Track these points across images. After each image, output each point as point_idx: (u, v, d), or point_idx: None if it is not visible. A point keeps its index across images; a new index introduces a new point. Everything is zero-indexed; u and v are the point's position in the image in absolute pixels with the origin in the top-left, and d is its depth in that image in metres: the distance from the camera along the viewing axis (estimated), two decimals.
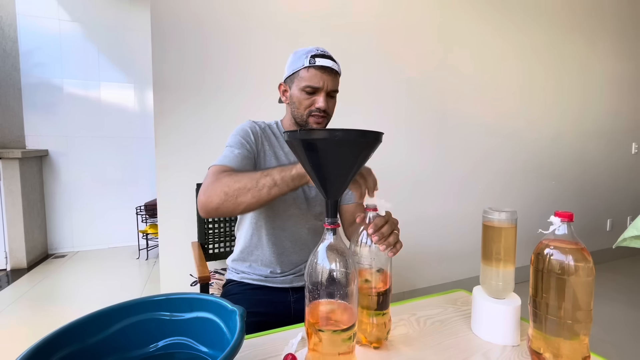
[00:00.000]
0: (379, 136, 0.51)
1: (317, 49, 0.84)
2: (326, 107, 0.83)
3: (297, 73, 0.84)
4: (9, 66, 2.67)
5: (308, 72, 0.82)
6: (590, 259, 0.49)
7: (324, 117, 0.85)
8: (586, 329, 0.49)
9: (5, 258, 2.43)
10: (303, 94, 0.83)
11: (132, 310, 0.52)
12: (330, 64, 0.82)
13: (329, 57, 0.83)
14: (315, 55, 0.81)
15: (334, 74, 0.84)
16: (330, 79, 0.83)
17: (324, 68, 0.81)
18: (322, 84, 0.82)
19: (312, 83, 0.81)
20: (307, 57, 0.81)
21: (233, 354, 0.41)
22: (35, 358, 0.41)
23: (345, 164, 0.51)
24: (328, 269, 0.48)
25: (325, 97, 0.83)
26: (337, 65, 0.84)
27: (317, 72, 0.81)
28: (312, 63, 0.81)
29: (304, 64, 0.82)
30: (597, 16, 2.52)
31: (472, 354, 0.58)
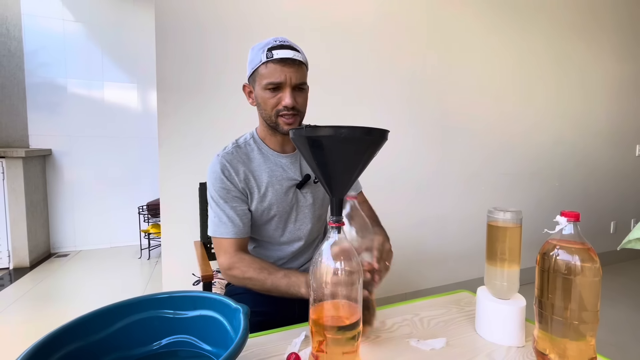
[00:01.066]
0: (385, 134, 0.51)
1: (275, 39, 0.75)
2: (294, 104, 0.75)
3: (257, 70, 0.75)
4: (14, 66, 2.69)
5: (267, 68, 0.73)
6: (597, 260, 0.49)
7: (294, 115, 0.76)
8: (592, 330, 0.49)
9: (8, 257, 2.44)
10: (267, 92, 0.75)
11: (136, 308, 0.51)
12: (290, 54, 0.73)
13: (289, 46, 0.74)
14: (273, 48, 0.72)
15: (297, 64, 0.74)
16: (292, 71, 0.73)
17: (283, 60, 0.72)
18: (285, 78, 0.73)
19: (273, 79, 0.73)
20: (264, 51, 0.73)
21: (237, 352, 0.41)
22: (39, 355, 0.41)
23: (350, 161, 0.51)
24: (332, 267, 0.48)
25: (292, 93, 0.74)
26: (300, 55, 0.75)
27: (276, 66, 0.72)
28: (270, 57, 0.72)
29: (261, 60, 0.73)
30: (600, 18, 2.51)
31: (476, 355, 0.57)
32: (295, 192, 0.85)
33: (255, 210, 0.83)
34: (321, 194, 0.89)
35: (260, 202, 0.82)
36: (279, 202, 0.83)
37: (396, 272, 1.95)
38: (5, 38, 2.65)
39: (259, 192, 0.82)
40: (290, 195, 0.84)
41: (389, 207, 1.90)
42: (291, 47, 0.74)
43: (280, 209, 0.84)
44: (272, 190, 0.82)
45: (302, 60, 0.76)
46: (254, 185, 0.81)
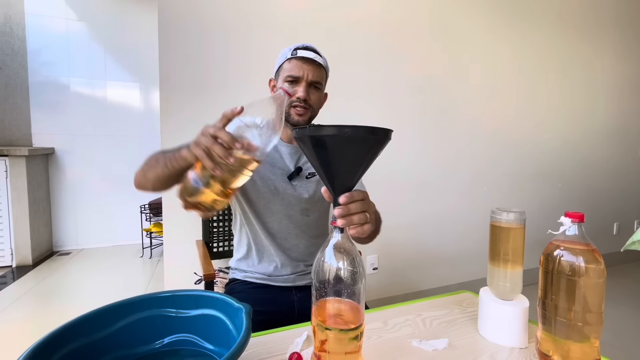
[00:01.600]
0: (388, 133, 0.50)
1: (303, 44, 0.85)
2: (306, 97, 0.82)
3: (281, 66, 0.85)
4: (17, 65, 2.70)
5: (290, 63, 0.83)
6: (602, 261, 0.48)
7: (305, 109, 0.83)
8: (597, 332, 0.48)
9: (11, 255, 2.45)
10: (285, 85, 0.83)
11: (138, 306, 0.51)
12: (311, 55, 0.82)
13: (312, 49, 0.84)
14: (298, 48, 0.83)
15: (316, 65, 0.83)
16: (311, 69, 0.82)
17: (304, 59, 0.82)
18: (302, 74, 0.82)
19: (293, 73, 0.82)
20: (290, 50, 0.84)
21: (240, 351, 0.41)
22: (43, 352, 0.41)
23: (353, 161, 0.50)
24: (335, 267, 0.48)
25: (306, 88, 0.82)
26: (320, 58, 0.84)
27: (297, 62, 0.82)
28: (294, 55, 0.82)
29: (287, 57, 0.83)
30: (604, 19, 2.50)
31: (479, 356, 0.57)
32: (285, 181, 0.88)
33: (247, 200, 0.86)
34: (310, 190, 0.90)
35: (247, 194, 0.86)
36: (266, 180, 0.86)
37: (397, 273, 1.95)
38: (8, 37, 2.67)
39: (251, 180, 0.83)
40: (281, 182, 0.87)
41: (392, 206, 1.89)
42: (314, 51, 0.84)
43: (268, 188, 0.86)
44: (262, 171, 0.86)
45: (322, 63, 0.85)
46: None
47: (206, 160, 0.51)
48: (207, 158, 0.50)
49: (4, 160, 2.38)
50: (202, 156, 0.51)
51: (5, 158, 2.38)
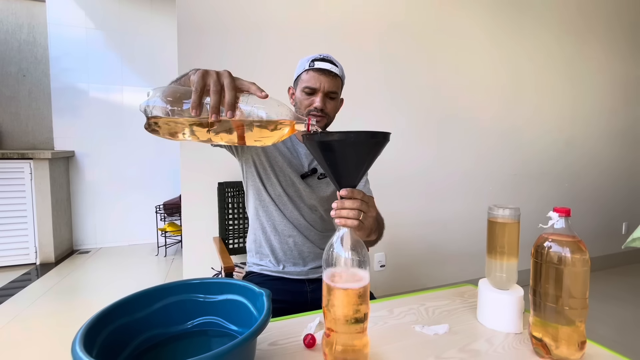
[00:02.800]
0: (387, 136, 0.57)
1: (320, 54, 0.90)
2: (323, 107, 0.87)
3: (299, 77, 0.91)
4: (40, 72, 2.84)
5: (307, 75, 0.88)
6: (586, 251, 0.53)
7: (322, 117, 0.89)
8: (582, 316, 0.53)
9: (35, 253, 2.58)
10: (303, 94, 0.89)
11: (172, 291, 0.59)
12: (328, 66, 0.87)
13: (329, 60, 0.88)
14: (315, 60, 0.88)
15: (332, 75, 0.88)
16: (327, 80, 0.87)
17: (321, 70, 0.87)
18: (319, 85, 0.87)
19: (310, 84, 0.87)
20: (308, 62, 0.88)
21: (261, 327, 0.47)
22: (96, 326, 0.48)
23: (357, 161, 0.57)
24: (342, 256, 0.54)
25: (323, 98, 0.87)
26: (337, 69, 0.89)
27: (314, 74, 0.87)
28: (312, 66, 0.87)
29: (304, 68, 0.88)
30: (611, 20, 2.50)
31: (476, 339, 0.63)
32: (299, 180, 0.95)
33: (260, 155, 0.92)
34: (320, 191, 0.97)
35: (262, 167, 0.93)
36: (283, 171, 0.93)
37: (404, 270, 2.00)
38: (32, 46, 2.81)
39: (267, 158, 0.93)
40: (294, 180, 0.94)
41: (399, 206, 1.94)
42: (331, 62, 0.88)
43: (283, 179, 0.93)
44: (279, 166, 0.93)
45: (338, 74, 0.89)
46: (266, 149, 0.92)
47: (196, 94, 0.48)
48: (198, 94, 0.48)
49: (28, 163, 2.50)
50: (196, 89, 0.48)
51: (30, 161, 2.50)
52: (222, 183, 1.43)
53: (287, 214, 0.95)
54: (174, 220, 2.97)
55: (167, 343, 0.56)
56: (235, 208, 1.42)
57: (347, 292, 0.53)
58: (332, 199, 0.98)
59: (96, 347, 0.45)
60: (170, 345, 0.56)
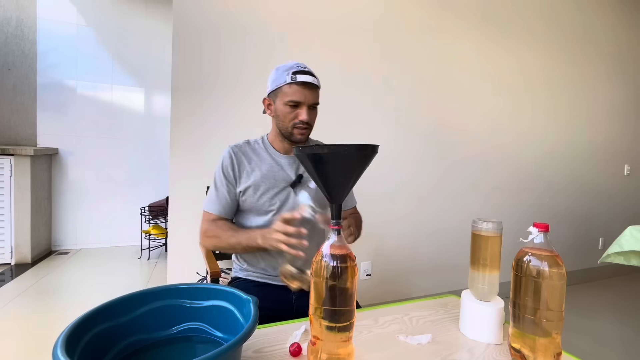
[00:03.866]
0: (375, 148, 0.60)
1: (297, 64, 0.91)
2: (309, 120, 0.91)
3: (280, 88, 0.91)
4: (26, 67, 2.77)
5: (290, 88, 0.89)
6: (563, 265, 0.56)
7: (306, 129, 0.93)
8: (558, 328, 0.56)
9: (11, 252, 2.48)
10: (287, 107, 0.90)
11: (158, 295, 0.58)
12: (310, 79, 0.89)
13: (309, 72, 0.90)
14: (297, 72, 0.88)
15: (314, 88, 0.91)
16: (310, 93, 0.90)
17: (305, 84, 0.88)
18: (304, 99, 0.89)
19: (295, 98, 0.89)
20: (289, 74, 0.88)
21: (247, 335, 0.48)
22: (78, 330, 0.47)
23: (346, 172, 0.59)
24: (331, 265, 0.55)
25: (308, 110, 0.90)
26: (316, 80, 0.91)
27: (298, 88, 0.88)
28: (294, 79, 0.88)
29: (286, 80, 0.88)
30: (593, 39, 2.63)
31: (458, 350, 0.64)
32: (288, 190, 0.96)
33: (246, 197, 0.95)
34: None
35: (253, 191, 0.94)
36: (272, 195, 0.95)
37: (389, 279, 2.01)
38: (19, 40, 2.75)
39: (253, 182, 0.94)
40: (284, 192, 0.96)
41: (387, 216, 1.97)
42: (311, 74, 0.90)
43: (273, 202, 0.95)
44: (267, 184, 0.95)
45: (318, 85, 0.92)
46: (249, 172, 0.95)
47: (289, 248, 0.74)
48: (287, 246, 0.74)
49: (9, 159, 2.43)
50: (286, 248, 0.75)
51: (10, 157, 2.43)
52: None
53: None
54: (159, 222, 2.92)
55: (151, 348, 0.55)
56: None
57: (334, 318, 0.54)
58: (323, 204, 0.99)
59: (78, 352, 0.44)
60: (154, 351, 0.55)
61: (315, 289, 0.56)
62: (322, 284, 0.54)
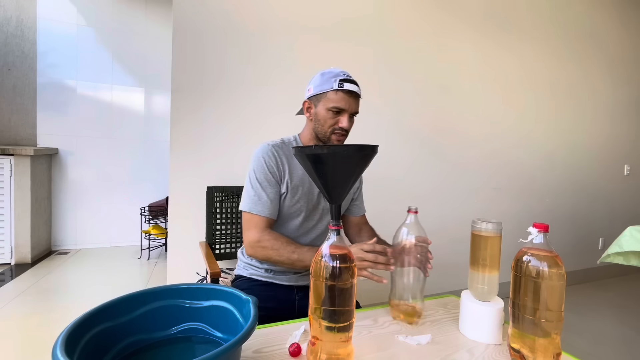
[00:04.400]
0: (375, 149, 0.59)
1: (343, 72, 0.91)
2: (349, 127, 0.92)
3: (325, 94, 0.91)
4: (26, 67, 2.77)
5: (336, 95, 0.89)
6: (562, 265, 0.56)
7: (344, 135, 0.93)
8: (557, 328, 0.56)
9: (11, 252, 2.48)
10: (330, 113, 0.90)
11: (158, 295, 0.58)
12: (355, 89, 0.90)
13: (355, 82, 0.91)
14: (344, 80, 0.89)
15: (358, 97, 0.92)
16: (354, 102, 0.91)
17: (350, 92, 0.89)
18: (348, 107, 0.90)
19: (340, 105, 0.89)
20: (336, 81, 0.89)
21: (247, 335, 0.48)
22: (77, 331, 0.47)
23: (346, 172, 0.59)
24: (331, 265, 0.55)
25: (348, 118, 0.91)
26: (359, 89, 0.93)
27: (344, 96, 0.89)
28: (341, 87, 0.88)
29: (332, 87, 0.89)
30: (593, 41, 2.63)
31: (458, 350, 0.64)
32: (319, 196, 0.97)
33: (284, 200, 0.94)
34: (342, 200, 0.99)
35: (291, 194, 0.94)
36: (306, 199, 0.95)
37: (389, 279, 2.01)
38: (19, 40, 2.75)
39: (292, 185, 0.94)
40: (316, 195, 0.97)
41: (387, 216, 1.96)
42: (356, 83, 0.92)
43: (306, 206, 0.95)
44: (302, 187, 0.95)
45: (360, 95, 0.94)
46: (288, 178, 0.94)
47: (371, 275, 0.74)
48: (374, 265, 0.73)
49: (9, 159, 2.43)
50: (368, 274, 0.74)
51: (10, 157, 2.43)
52: (211, 187, 1.43)
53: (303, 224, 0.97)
54: (158, 223, 2.92)
55: (151, 349, 0.55)
56: (223, 213, 1.41)
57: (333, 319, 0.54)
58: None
59: (77, 352, 0.44)
60: (154, 351, 0.55)
61: (315, 289, 0.56)
62: (321, 284, 0.54)
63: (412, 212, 0.76)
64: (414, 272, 0.73)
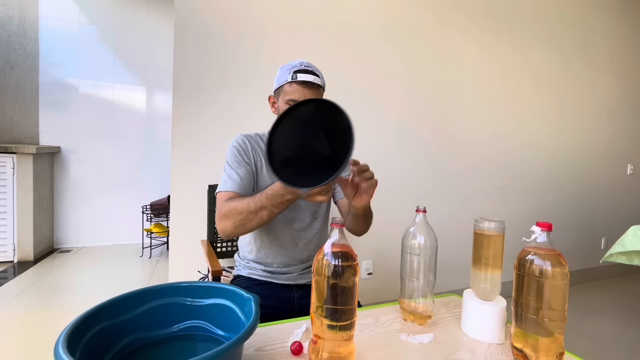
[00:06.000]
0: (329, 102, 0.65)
1: (300, 63, 0.89)
2: None
3: (282, 87, 0.90)
4: (29, 65, 2.78)
5: (291, 87, 0.87)
6: (566, 265, 0.55)
7: None
8: (561, 328, 0.55)
9: (14, 250, 2.49)
10: (287, 106, 0.87)
11: (159, 293, 0.58)
12: (311, 78, 0.87)
13: (311, 72, 0.88)
14: (298, 71, 0.87)
15: (316, 87, 0.89)
16: (311, 93, 0.88)
17: (305, 83, 0.87)
18: (303, 98, 0.86)
19: (294, 97, 0.87)
20: (290, 73, 0.87)
21: (249, 333, 0.47)
22: (79, 328, 0.47)
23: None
24: (333, 263, 0.55)
25: None
26: (319, 79, 0.89)
27: (298, 87, 0.87)
28: (294, 78, 0.86)
29: (287, 79, 0.88)
30: (597, 40, 2.62)
31: (460, 349, 0.64)
32: None
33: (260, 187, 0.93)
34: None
35: (262, 181, 0.94)
36: None
37: (391, 278, 2.01)
38: (22, 38, 2.75)
39: (262, 172, 0.95)
40: None
41: (388, 215, 1.96)
42: (313, 73, 0.88)
43: None
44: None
45: (321, 84, 0.90)
46: (260, 166, 0.95)
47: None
48: None
49: (11, 157, 2.44)
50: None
51: (13, 155, 2.44)
52: (213, 185, 1.43)
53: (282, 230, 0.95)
54: (160, 221, 2.92)
55: (152, 347, 0.55)
56: None
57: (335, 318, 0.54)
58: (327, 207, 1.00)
59: (79, 349, 0.44)
60: (155, 349, 0.55)
61: (317, 288, 0.55)
62: (323, 282, 0.54)
63: (420, 211, 0.76)
64: (424, 272, 0.72)
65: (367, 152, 1.90)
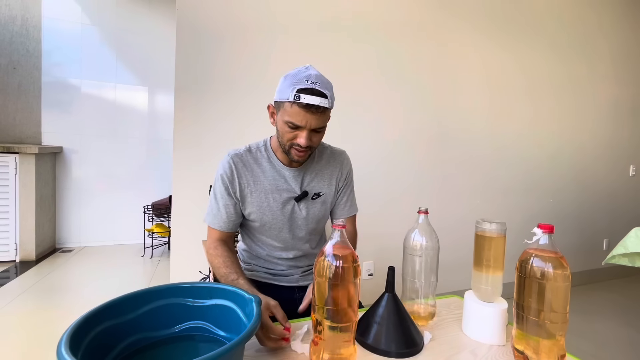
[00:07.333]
0: None
1: (307, 79, 0.75)
2: (308, 144, 0.79)
3: (282, 103, 0.78)
4: (31, 65, 2.79)
5: (292, 108, 0.76)
6: (567, 267, 0.55)
7: (305, 152, 0.81)
8: (562, 330, 0.55)
9: (16, 250, 2.50)
10: (286, 127, 0.79)
11: (161, 294, 0.58)
12: (317, 101, 0.74)
13: (318, 91, 0.75)
14: (302, 90, 0.74)
15: (321, 111, 0.76)
16: (314, 117, 0.76)
17: (308, 106, 0.74)
18: (305, 124, 0.76)
19: (294, 120, 0.76)
20: (293, 91, 0.74)
21: (250, 334, 0.48)
22: (82, 328, 0.47)
23: None
24: (334, 264, 0.55)
25: (308, 134, 0.78)
26: (326, 100, 0.76)
27: (300, 110, 0.75)
28: (297, 99, 0.74)
29: (288, 97, 0.75)
30: (598, 40, 2.61)
31: (461, 351, 0.64)
32: (293, 204, 0.91)
33: (250, 213, 0.89)
34: (316, 211, 0.94)
35: (258, 207, 0.88)
36: (275, 210, 0.89)
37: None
38: (24, 38, 2.76)
39: (258, 197, 0.88)
40: (288, 206, 0.90)
41: (388, 216, 1.96)
42: (319, 92, 0.75)
43: (276, 217, 0.90)
44: (272, 198, 0.89)
45: (327, 106, 0.77)
46: (253, 190, 0.88)
47: None
48: None
49: (14, 157, 2.44)
50: None
51: (15, 155, 2.45)
52: None
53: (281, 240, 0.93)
54: (162, 221, 2.93)
55: (154, 347, 0.55)
56: None
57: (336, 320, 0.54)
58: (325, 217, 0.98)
59: (82, 349, 0.45)
60: (157, 350, 0.55)
61: (318, 289, 0.56)
62: (324, 283, 0.54)
63: (422, 212, 0.76)
64: (426, 274, 0.72)
65: (370, 154, 1.90)
